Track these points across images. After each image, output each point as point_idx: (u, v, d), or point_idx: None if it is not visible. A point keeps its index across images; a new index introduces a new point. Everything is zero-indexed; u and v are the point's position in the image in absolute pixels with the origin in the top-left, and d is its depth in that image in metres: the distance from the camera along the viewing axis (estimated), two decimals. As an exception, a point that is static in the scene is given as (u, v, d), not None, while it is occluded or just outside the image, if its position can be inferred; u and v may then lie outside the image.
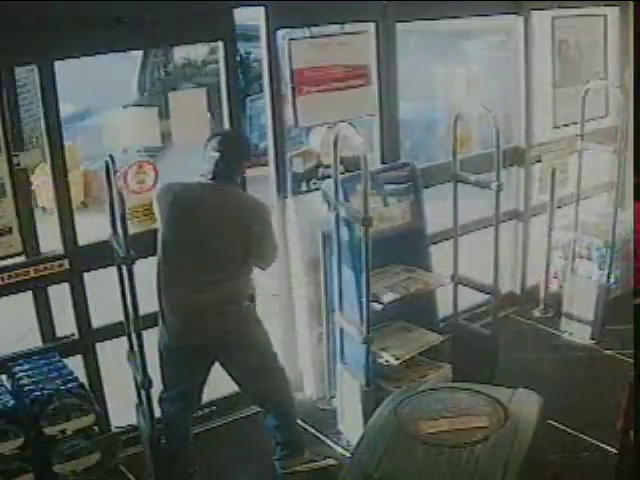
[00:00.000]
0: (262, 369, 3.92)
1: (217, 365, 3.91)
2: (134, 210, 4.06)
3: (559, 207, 5.70)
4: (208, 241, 3.70)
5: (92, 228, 4.07)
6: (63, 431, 3.54)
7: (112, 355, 4.26)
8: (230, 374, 3.93)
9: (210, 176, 3.75)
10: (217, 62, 4.31)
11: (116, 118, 4.28)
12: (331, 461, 4.17)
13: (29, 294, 3.94)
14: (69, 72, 4.44)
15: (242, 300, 3.82)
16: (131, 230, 3.95)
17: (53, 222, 3.93)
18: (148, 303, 3.85)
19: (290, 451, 4.08)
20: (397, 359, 4.16)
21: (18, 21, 3.49)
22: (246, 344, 3.83)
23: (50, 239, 3.97)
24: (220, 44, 4.18)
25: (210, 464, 4.19)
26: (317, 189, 4.52)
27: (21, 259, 3.82)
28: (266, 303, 4.60)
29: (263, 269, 3.94)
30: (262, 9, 4.22)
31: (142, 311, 3.57)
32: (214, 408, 4.56)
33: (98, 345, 4.18)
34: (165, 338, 3.83)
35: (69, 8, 3.58)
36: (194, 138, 4.10)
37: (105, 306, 4.08)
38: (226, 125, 4.27)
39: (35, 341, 4.15)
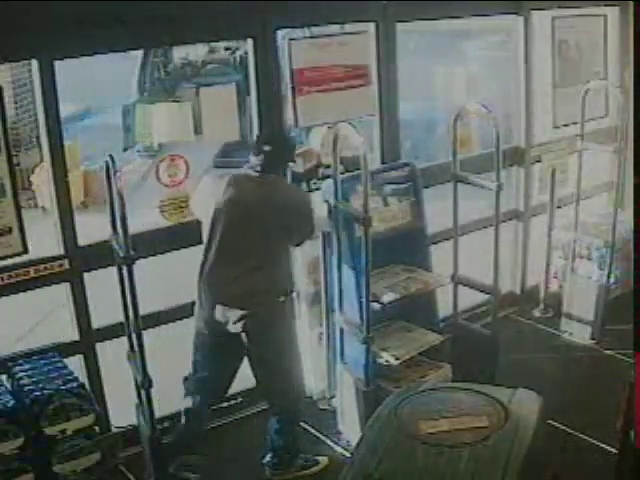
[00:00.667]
0: (280, 370, 3.94)
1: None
2: (164, 204, 4.15)
3: (559, 207, 5.71)
4: (247, 231, 3.78)
5: (92, 228, 4.07)
6: (63, 431, 3.53)
7: (112, 355, 4.26)
8: (250, 366, 3.97)
9: (259, 168, 3.85)
10: (217, 62, 4.33)
11: (150, 112, 4.30)
12: (321, 465, 4.18)
13: (29, 294, 3.94)
14: (69, 72, 4.44)
15: (275, 294, 3.85)
16: (161, 224, 4.15)
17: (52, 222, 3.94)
18: (148, 303, 3.85)
19: (282, 459, 4.11)
20: (397, 359, 4.16)
21: (18, 21, 3.49)
22: (270, 340, 3.86)
23: (48, 240, 3.98)
24: (250, 42, 4.23)
25: (210, 464, 4.20)
26: (317, 189, 4.52)
27: (21, 259, 3.82)
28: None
29: (297, 246, 4.08)
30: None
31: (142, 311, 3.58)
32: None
33: (98, 345, 4.18)
34: (199, 323, 3.93)
35: (69, 8, 3.58)
36: (224, 135, 4.15)
37: (105, 306, 4.09)
38: (255, 123, 4.34)
39: (35, 341, 4.14)
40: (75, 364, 4.00)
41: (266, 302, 3.82)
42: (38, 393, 3.52)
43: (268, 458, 4.13)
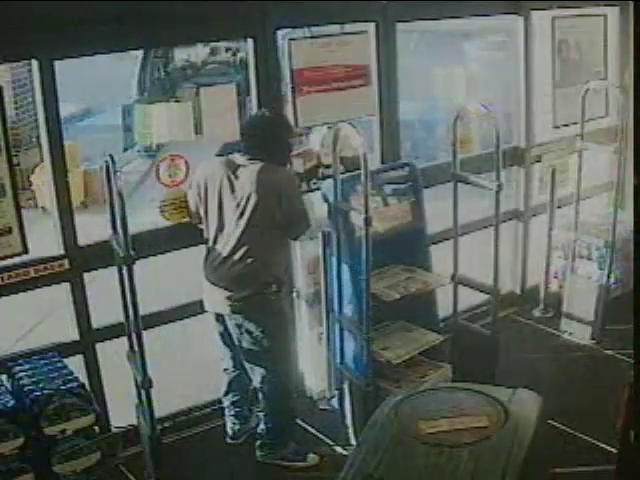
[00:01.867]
0: (258, 358, 4.03)
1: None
2: (164, 204, 4.15)
3: (559, 207, 5.70)
4: (234, 215, 3.84)
5: (92, 228, 4.08)
6: (63, 431, 3.54)
7: (113, 354, 4.26)
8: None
9: (247, 152, 3.90)
10: (217, 63, 4.33)
11: (150, 112, 4.32)
12: (308, 463, 4.20)
13: (29, 294, 3.94)
14: (69, 72, 4.44)
15: (258, 283, 3.89)
16: (161, 224, 4.15)
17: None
18: (148, 303, 3.85)
19: (265, 444, 4.18)
20: (397, 359, 4.16)
21: (18, 21, 3.49)
22: (250, 329, 3.94)
23: (48, 240, 3.98)
24: (250, 42, 4.24)
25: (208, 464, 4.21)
26: (317, 189, 4.52)
27: (21, 259, 3.82)
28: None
29: (293, 239, 4.11)
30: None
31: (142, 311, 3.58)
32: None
33: (98, 345, 4.18)
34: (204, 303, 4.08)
35: (69, 8, 3.58)
36: (224, 135, 4.18)
37: (105, 306, 4.09)
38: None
39: (35, 341, 4.13)
40: (75, 364, 4.01)
41: (248, 289, 3.88)
42: (38, 393, 3.52)
43: (258, 441, 4.22)
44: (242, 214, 3.83)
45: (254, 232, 3.84)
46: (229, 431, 4.35)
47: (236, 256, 3.86)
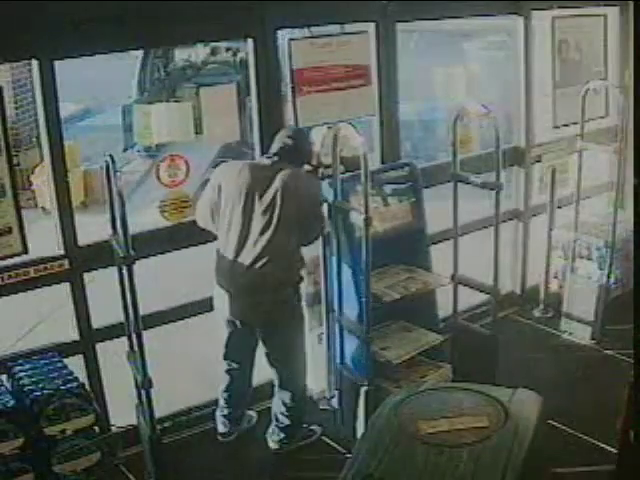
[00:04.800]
0: (290, 354, 4.13)
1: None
2: (165, 204, 4.16)
3: (559, 207, 5.70)
4: (260, 218, 3.84)
5: (92, 228, 4.08)
6: (63, 431, 3.54)
7: (113, 354, 4.26)
8: (265, 353, 4.13)
9: (276, 158, 3.95)
10: (217, 63, 4.34)
11: (149, 112, 4.32)
12: (317, 435, 4.41)
13: (29, 294, 3.94)
14: (69, 72, 4.44)
15: (283, 285, 3.95)
16: (161, 224, 4.17)
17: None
18: (148, 303, 3.85)
19: (288, 434, 4.27)
20: (397, 359, 4.16)
21: (18, 21, 3.49)
22: (279, 329, 4.01)
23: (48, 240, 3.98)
24: (250, 41, 4.24)
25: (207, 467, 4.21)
26: (317, 189, 4.51)
27: (21, 259, 3.82)
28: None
29: (305, 245, 4.08)
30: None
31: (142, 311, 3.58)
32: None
33: (98, 345, 4.18)
34: (217, 314, 4.07)
35: (69, 8, 3.58)
36: (224, 135, 4.17)
37: (105, 306, 4.09)
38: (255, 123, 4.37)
39: (35, 341, 4.13)
40: (75, 364, 4.00)
41: (274, 292, 3.91)
42: (38, 393, 3.52)
43: (275, 433, 4.29)
44: (271, 219, 3.84)
45: (281, 237, 3.86)
46: (220, 429, 4.36)
47: (263, 261, 3.85)
